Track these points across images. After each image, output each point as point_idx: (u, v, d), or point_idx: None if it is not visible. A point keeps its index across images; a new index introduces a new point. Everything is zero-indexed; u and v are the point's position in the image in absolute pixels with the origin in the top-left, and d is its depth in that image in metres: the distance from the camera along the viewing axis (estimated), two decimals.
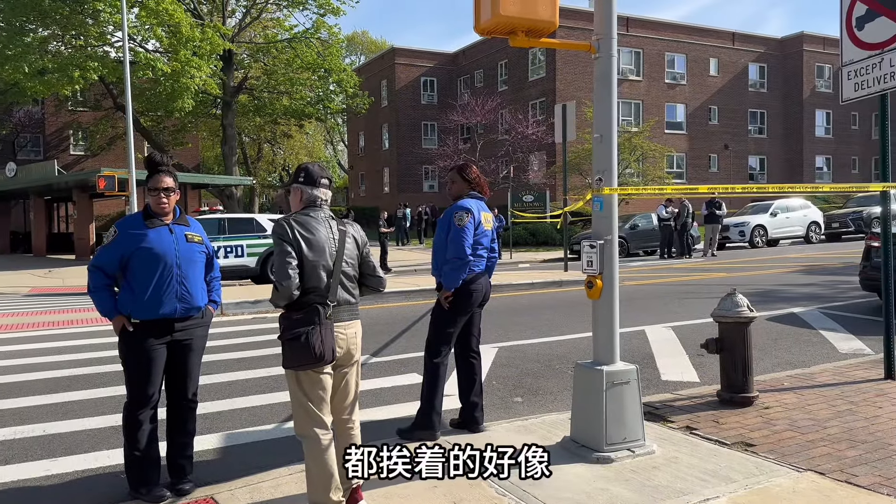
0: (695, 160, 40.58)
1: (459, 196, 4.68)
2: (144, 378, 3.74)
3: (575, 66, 36.59)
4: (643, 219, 22.93)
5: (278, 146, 48.12)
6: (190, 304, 3.82)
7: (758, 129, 43.43)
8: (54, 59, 25.02)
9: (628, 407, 4.11)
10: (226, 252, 15.36)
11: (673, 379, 6.33)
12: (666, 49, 39.57)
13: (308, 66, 30.48)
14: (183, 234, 3.88)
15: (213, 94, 29.59)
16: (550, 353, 7.51)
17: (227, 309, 11.31)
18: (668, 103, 39.89)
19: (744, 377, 5.13)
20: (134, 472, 3.79)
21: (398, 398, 5.87)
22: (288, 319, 3.25)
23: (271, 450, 4.66)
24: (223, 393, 6.14)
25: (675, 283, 13.76)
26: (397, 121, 45.09)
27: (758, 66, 43.09)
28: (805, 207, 25.51)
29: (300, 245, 3.25)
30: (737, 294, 5.17)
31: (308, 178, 3.42)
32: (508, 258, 21.47)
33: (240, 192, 34.50)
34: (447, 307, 4.53)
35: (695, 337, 7.77)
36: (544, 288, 13.72)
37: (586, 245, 4.18)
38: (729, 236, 23.85)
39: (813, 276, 14.16)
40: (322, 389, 3.30)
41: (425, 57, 46.00)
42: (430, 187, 45.47)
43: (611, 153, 4.16)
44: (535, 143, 33.94)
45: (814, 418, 4.76)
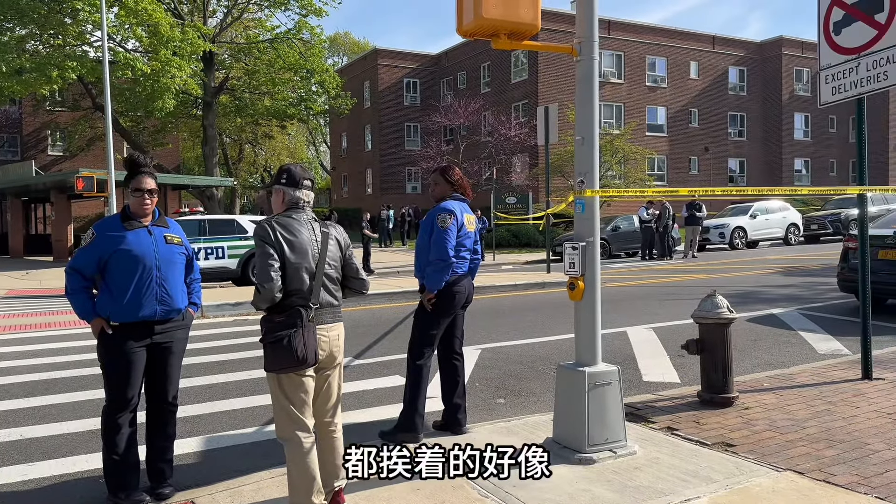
0: (675, 162, 40.94)
1: (442, 198, 4.68)
2: (124, 381, 3.69)
3: (557, 68, 36.76)
4: (625, 220, 23.08)
5: (260, 147, 47.79)
6: (170, 306, 3.79)
7: (737, 132, 43.91)
8: (32, 59, 24.67)
9: (610, 408, 4.13)
10: (206, 254, 15.23)
11: (654, 380, 6.37)
12: (647, 52, 39.89)
13: (290, 66, 30.32)
14: (162, 235, 3.85)
15: (193, 95, 29.37)
16: (533, 354, 7.53)
17: (208, 311, 11.22)
18: (649, 106, 40.21)
19: (724, 378, 5.18)
20: (113, 477, 3.74)
21: (381, 400, 5.85)
22: (270, 322, 3.23)
23: (252, 453, 4.63)
24: (203, 396, 6.09)
25: (657, 285, 13.86)
26: (380, 122, 45.01)
27: (738, 70, 43.58)
28: (784, 210, 25.83)
29: (282, 247, 3.23)
30: (717, 295, 5.21)
31: (290, 180, 3.39)
32: (491, 260, 21.51)
33: (220, 194, 34.22)
34: (430, 309, 4.52)
35: (676, 338, 7.83)
36: (527, 289, 13.76)
37: (568, 247, 4.19)
38: (709, 238, 24.08)
39: (792, 277, 14.34)
40: (304, 392, 3.28)
41: (408, 58, 45.98)
42: (412, 189, 45.43)
43: (592, 155, 4.19)
44: (517, 145, 34.09)
45: (793, 418, 4.81)
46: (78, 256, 3.76)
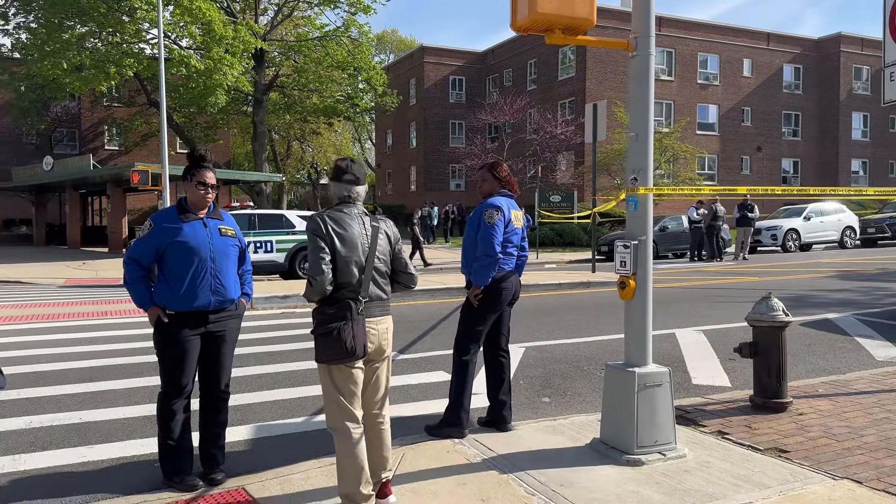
0: (726, 162, 40.02)
1: (490, 194, 4.67)
2: (179, 369, 3.79)
3: (605, 65, 36.29)
4: (673, 221, 22.67)
5: (307, 144, 48.48)
6: (224, 296, 3.87)
7: (791, 132, 42.68)
8: (91, 56, 25.49)
9: (660, 410, 4.06)
10: (255, 247, 15.51)
11: (704, 383, 6.25)
12: (699, 49, 39.07)
13: (338, 64, 30.66)
14: (217, 228, 3.94)
15: (244, 92, 29.91)
16: (578, 354, 7.46)
17: (257, 303, 11.43)
18: (700, 104, 39.38)
19: (777, 382, 5.05)
20: (167, 462, 3.85)
21: (426, 395, 5.88)
22: (321, 314, 3.28)
23: (301, 442, 4.70)
24: (254, 385, 6.21)
25: (706, 287, 13.59)
26: (425, 119, 45.15)
27: (793, 68, 42.35)
28: (840, 212, 24.99)
29: (333, 240, 3.28)
30: (772, 297, 5.08)
31: (339, 175, 3.45)
32: (535, 258, 21.39)
33: (269, 189, 34.81)
34: (477, 305, 4.52)
35: (726, 341, 7.67)
36: (572, 289, 13.63)
37: (620, 245, 4.14)
38: (761, 240, 23.46)
39: (848, 281, 13.88)
40: (353, 384, 3.31)
41: (454, 56, 46.00)
42: (456, 186, 45.45)
43: (646, 152, 4.12)
44: (563, 143, 33.77)
45: (850, 426, 4.67)
46: (136, 247, 3.87)
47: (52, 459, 4.41)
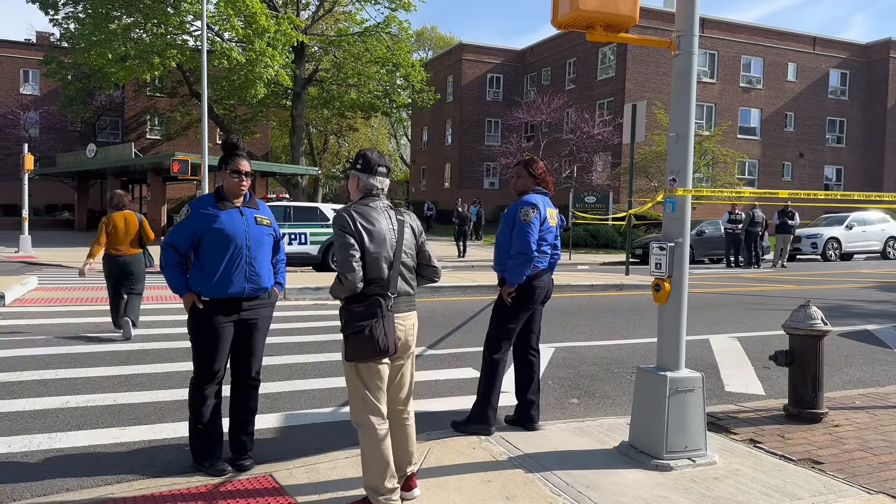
0: (767, 167, 39.20)
1: (524, 191, 4.63)
2: (211, 354, 3.84)
3: (646, 65, 35.81)
4: (710, 225, 22.29)
5: (344, 138, 48.88)
6: (258, 284, 3.91)
7: (836, 139, 41.62)
8: (136, 46, 26.03)
9: (691, 415, 3.99)
10: (290, 239, 15.70)
11: (737, 390, 6.13)
12: (742, 52, 38.32)
13: (377, 60, 30.81)
14: (253, 216, 3.98)
15: (284, 85, 30.23)
16: (609, 356, 7.39)
17: (290, 294, 11.55)
18: (742, 107, 38.63)
19: (813, 392, 4.93)
20: (197, 446, 3.90)
21: (453, 391, 5.87)
22: (349, 312, 3.23)
23: (329, 432, 4.73)
24: (284, 375, 6.27)
25: (742, 293, 13.34)
26: (461, 117, 45.11)
27: (839, 73, 41.28)
28: (883, 221, 24.33)
29: (362, 236, 3.24)
30: (811, 306, 4.96)
31: (366, 166, 3.38)
32: (567, 259, 21.24)
33: (305, 182, 35.17)
34: (509, 303, 4.49)
35: (761, 349, 7.52)
36: (604, 291, 13.50)
37: (655, 247, 4.07)
38: (800, 248, 22.96)
39: (889, 292, 13.50)
40: (380, 379, 3.30)
41: (493, 53, 45.85)
42: (490, 184, 45.33)
43: (686, 153, 4.04)
44: (599, 143, 33.44)
45: (887, 439, 4.53)
46: (173, 232, 3.92)
47: (86, 439, 4.51)
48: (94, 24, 25.50)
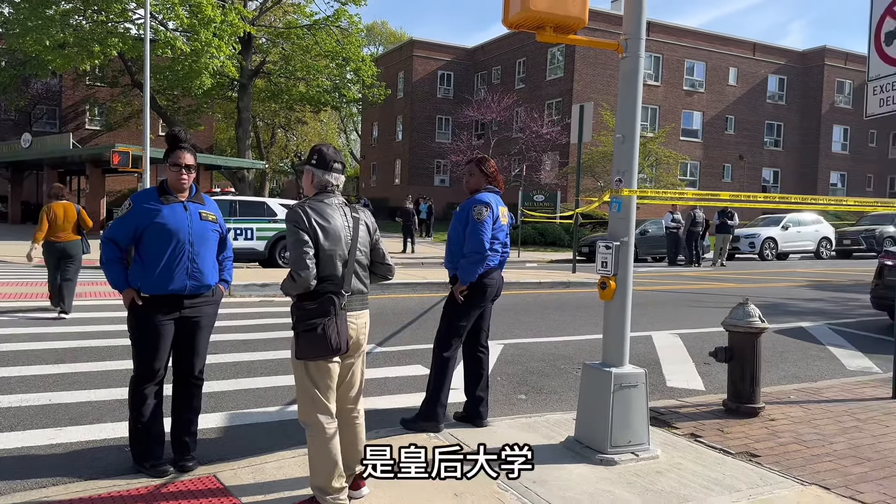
0: (708, 169, 40.37)
1: (476, 189, 4.65)
2: (151, 353, 3.74)
3: (594, 67, 36.42)
4: (654, 224, 22.83)
5: (292, 132, 48.15)
6: (200, 281, 3.82)
7: (773, 142, 43.16)
8: (75, 34, 25.06)
9: (635, 410, 4.09)
10: (235, 234, 15.37)
11: (679, 386, 6.30)
12: (686, 56, 39.35)
13: (327, 53, 30.44)
14: (197, 211, 3.89)
15: (230, 77, 29.61)
16: (556, 352, 7.49)
17: (236, 291, 11.33)
18: (685, 110, 39.67)
19: (751, 388, 5.11)
20: (138, 446, 3.80)
21: (403, 388, 5.86)
22: (301, 309, 3.18)
23: (275, 432, 4.67)
24: (229, 373, 6.16)
25: (683, 291, 13.71)
26: (412, 113, 45.02)
27: (777, 78, 42.80)
28: (817, 223, 25.35)
29: (316, 233, 3.20)
30: (749, 304, 5.13)
31: (321, 162, 3.34)
32: (516, 257, 21.43)
33: (251, 176, 34.53)
34: (461, 301, 4.51)
35: (702, 345, 7.74)
36: (552, 288, 13.69)
37: (602, 246, 4.15)
38: (739, 247, 23.72)
39: (822, 291, 14.08)
40: (330, 378, 3.26)
41: (443, 50, 45.89)
42: (441, 182, 45.39)
43: (632, 154, 4.13)
44: (548, 142, 33.85)
45: (820, 433, 4.73)
46: (114, 226, 3.81)
47: (19, 441, 4.33)
48: (29, 9, 24.45)
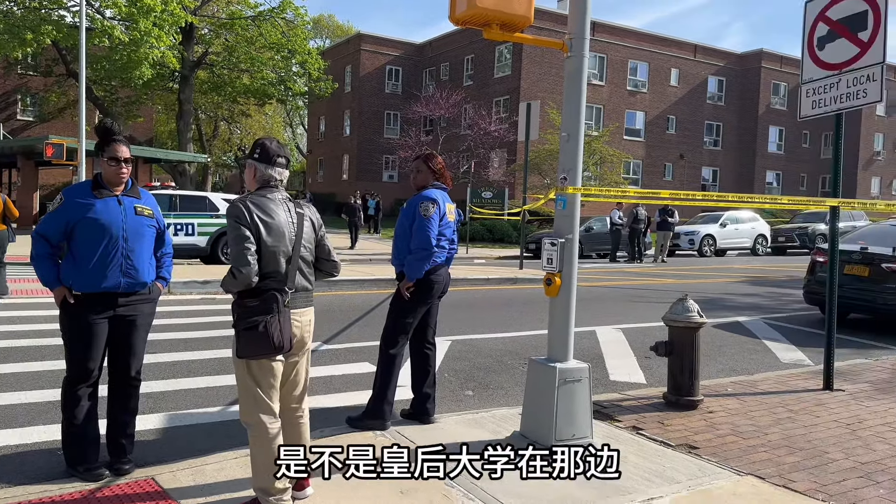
0: (651, 167, 41.33)
1: (423, 186, 4.64)
2: (85, 353, 3.61)
3: (540, 66, 36.81)
4: (598, 222, 23.24)
5: (235, 125, 47.19)
6: (135, 279, 3.70)
7: (713, 142, 44.45)
8: (6, 20, 23.95)
9: (579, 404, 4.14)
10: (175, 230, 14.96)
11: (621, 379, 6.43)
12: (630, 56, 40.14)
13: (272, 45, 29.92)
14: (132, 206, 3.75)
15: (171, 68, 28.79)
16: (503, 348, 7.55)
17: (175, 288, 11.04)
18: (628, 110, 40.49)
19: (690, 381, 5.25)
20: (71, 449, 3.67)
21: (349, 386, 5.81)
22: (243, 307, 3.11)
23: (216, 432, 4.56)
24: (168, 373, 5.99)
25: (626, 287, 14.00)
26: (360, 108, 44.65)
27: (717, 80, 44.08)
28: (753, 220, 26.26)
29: (259, 229, 3.13)
30: (688, 299, 5.26)
31: (264, 156, 3.27)
32: (464, 253, 21.52)
33: (193, 170, 33.74)
34: (408, 297, 4.49)
35: (643, 339, 7.91)
36: (499, 284, 13.79)
37: (547, 243, 4.18)
38: (679, 244, 24.38)
39: (758, 286, 14.58)
40: (273, 377, 3.21)
41: (391, 45, 45.64)
42: (389, 177, 45.18)
43: (577, 152, 4.18)
44: (496, 140, 34.06)
45: (755, 424, 4.89)
46: (45, 221, 3.66)
47: None
48: None
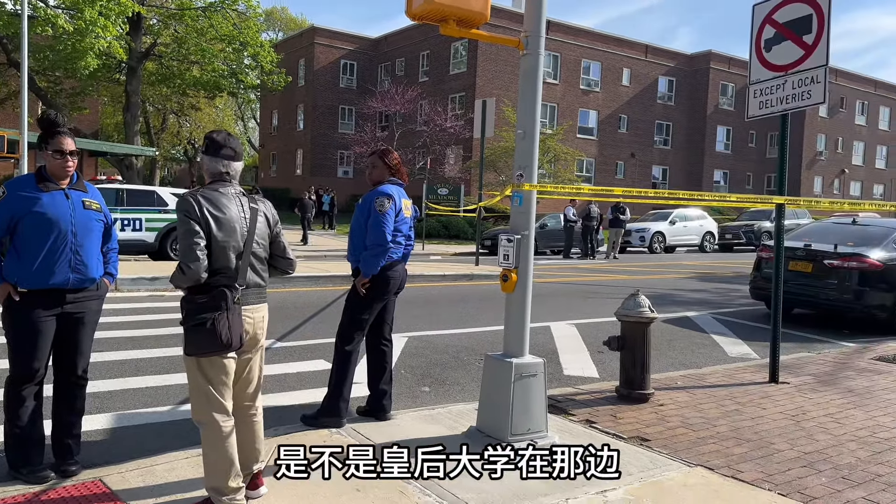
0: (603, 166, 42.00)
1: (379, 181, 4.61)
2: (30, 351, 3.50)
3: (496, 63, 37.00)
4: (552, 219, 23.50)
5: (185, 118, 46.15)
6: (84, 274, 3.59)
7: (663, 141, 45.42)
8: None
9: (534, 399, 4.19)
10: (123, 225, 14.56)
11: (575, 374, 6.52)
12: (583, 55, 40.67)
13: (223, 37, 29.30)
14: (80, 200, 3.64)
15: (118, 58, 27.97)
16: (459, 344, 7.57)
17: (123, 285, 10.75)
18: (581, 108, 41.04)
19: (642, 375, 5.35)
20: (15, 451, 3.54)
21: (303, 384, 5.75)
22: (191, 303, 3.06)
23: (166, 432, 4.47)
24: (115, 372, 5.83)
25: (580, 283, 14.20)
26: (314, 102, 44.16)
27: (667, 80, 45.03)
28: (702, 218, 26.94)
29: (209, 223, 3.06)
30: (640, 295, 5.37)
31: (210, 148, 3.22)
32: (421, 249, 21.50)
33: (140, 164, 32.80)
34: (363, 293, 4.46)
35: (596, 334, 8.03)
36: (456, 280, 13.82)
37: (504, 239, 4.21)
38: (630, 241, 24.87)
39: (706, 282, 14.96)
40: (225, 375, 3.15)
41: (346, 39, 45.24)
42: (344, 173, 44.80)
43: (533, 150, 4.21)
44: (452, 136, 34.14)
45: (704, 416, 5.02)
46: None
47: None
48: None
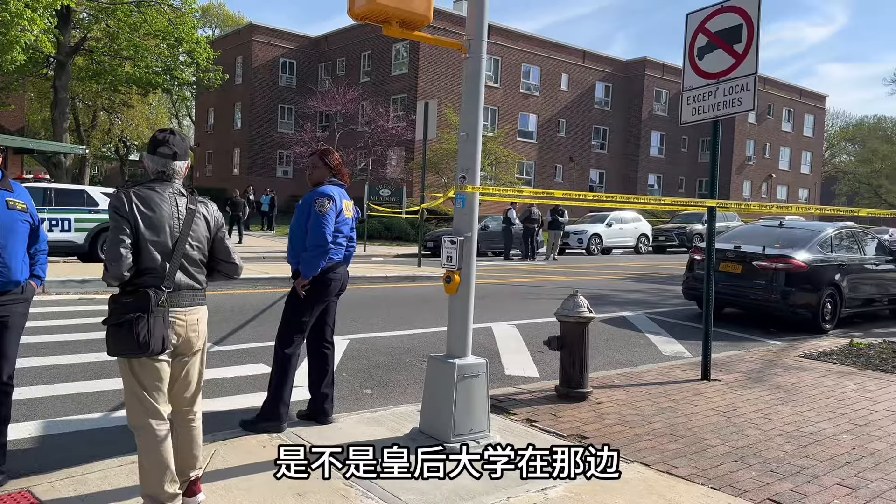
0: (542, 169, 42.64)
1: (320, 182, 4.57)
2: None
3: (437, 65, 37.10)
4: (494, 220, 23.72)
5: (117, 115, 44.54)
6: (7, 277, 3.44)
7: (600, 145, 46.44)
8: None
9: (476, 399, 4.22)
10: (51, 225, 13.97)
11: (516, 373, 6.61)
12: (523, 59, 41.20)
13: (157, 33, 28.47)
14: (4, 199, 3.49)
15: (45, 53, 26.80)
16: (401, 346, 7.56)
17: (51, 287, 10.31)
18: (521, 112, 41.57)
19: (580, 374, 5.47)
20: None
21: (242, 389, 5.64)
22: (117, 303, 3.00)
23: (100, 439, 4.32)
24: (44, 378, 5.59)
25: (520, 284, 14.38)
26: (252, 101, 43.31)
27: (604, 85, 46.05)
28: (637, 220, 27.69)
29: (137, 221, 2.99)
30: (578, 296, 5.49)
31: (149, 146, 3.17)
32: (362, 251, 21.37)
33: (69, 162, 31.55)
34: (303, 296, 4.40)
35: (536, 334, 8.16)
36: (398, 282, 13.80)
37: (447, 241, 4.24)
38: (569, 242, 25.35)
39: (641, 283, 15.38)
40: (158, 379, 3.07)
41: (285, 37, 44.55)
42: (283, 173, 44.09)
43: (475, 152, 4.25)
44: (394, 137, 34.05)
45: (640, 414, 5.16)
46: None
47: None
48: None
